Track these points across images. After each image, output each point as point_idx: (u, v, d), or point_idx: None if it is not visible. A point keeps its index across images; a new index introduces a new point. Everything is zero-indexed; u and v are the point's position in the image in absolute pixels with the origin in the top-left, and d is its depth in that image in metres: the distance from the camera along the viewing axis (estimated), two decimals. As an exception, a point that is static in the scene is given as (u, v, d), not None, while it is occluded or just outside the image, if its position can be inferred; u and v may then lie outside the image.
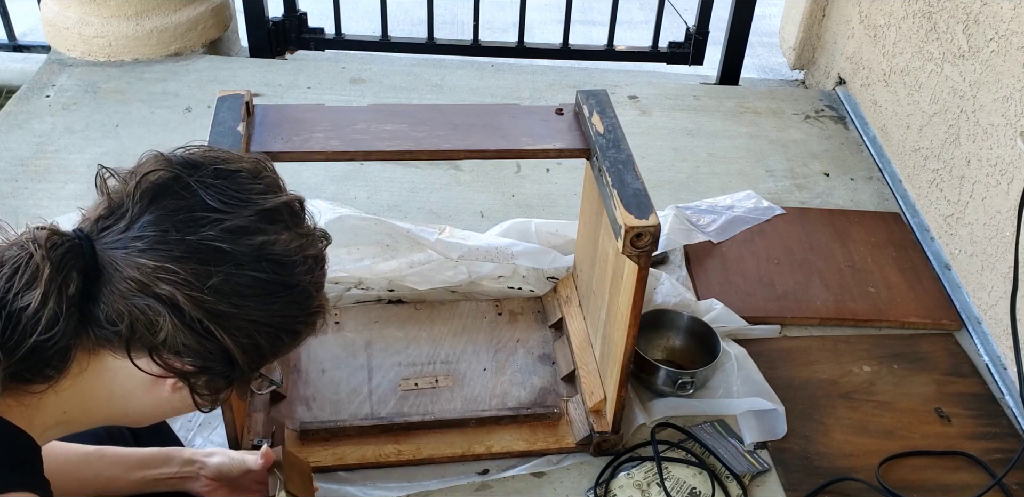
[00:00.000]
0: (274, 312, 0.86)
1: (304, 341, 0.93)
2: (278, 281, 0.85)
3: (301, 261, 0.88)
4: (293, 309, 0.87)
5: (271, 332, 0.86)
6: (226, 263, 0.83)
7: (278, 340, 0.88)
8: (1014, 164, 1.82)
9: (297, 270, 0.87)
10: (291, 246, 0.87)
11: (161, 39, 2.79)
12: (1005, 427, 1.73)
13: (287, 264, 0.86)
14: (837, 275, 2.05)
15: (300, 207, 0.92)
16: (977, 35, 1.99)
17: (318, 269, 0.91)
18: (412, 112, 1.59)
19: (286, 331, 0.88)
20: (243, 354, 0.85)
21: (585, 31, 3.42)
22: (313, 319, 0.91)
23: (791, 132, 2.64)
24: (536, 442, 1.62)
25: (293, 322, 0.88)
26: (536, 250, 1.94)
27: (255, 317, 0.84)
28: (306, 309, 0.89)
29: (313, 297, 0.90)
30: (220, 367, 0.86)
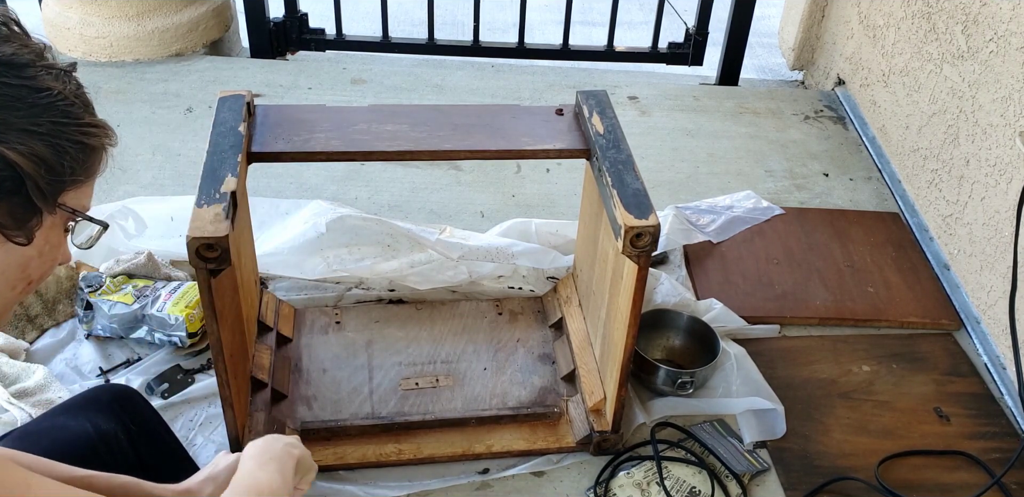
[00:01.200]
0: (37, 116, 0.81)
1: (97, 164, 0.89)
2: (23, 84, 0.81)
3: (43, 68, 0.83)
4: (57, 114, 0.82)
5: (47, 141, 0.81)
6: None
7: (62, 151, 0.82)
8: (1013, 164, 1.83)
9: (40, 75, 0.83)
10: (21, 52, 0.83)
11: (162, 40, 2.80)
12: (1004, 427, 1.74)
13: (23, 65, 0.82)
14: (836, 275, 2.06)
15: (16, 23, 0.87)
16: (976, 36, 1.99)
17: (71, 82, 0.86)
18: (412, 112, 1.60)
19: (65, 140, 0.83)
20: (28, 162, 0.79)
21: (585, 32, 3.42)
22: (94, 130, 0.86)
23: (790, 132, 2.64)
24: (536, 441, 1.63)
25: (67, 130, 0.83)
26: (536, 250, 1.94)
27: (18, 124, 0.79)
28: (76, 118, 0.84)
29: (78, 106, 0.85)
30: (9, 183, 0.79)
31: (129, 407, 1.31)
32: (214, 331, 1.34)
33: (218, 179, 1.33)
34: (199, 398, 1.68)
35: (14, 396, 1.59)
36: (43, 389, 1.63)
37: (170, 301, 1.76)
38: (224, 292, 1.37)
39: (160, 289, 1.80)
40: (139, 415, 1.32)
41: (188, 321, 1.73)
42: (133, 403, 1.33)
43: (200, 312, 1.75)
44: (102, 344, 1.78)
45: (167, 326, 1.74)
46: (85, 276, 1.82)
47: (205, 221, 1.26)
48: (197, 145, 2.36)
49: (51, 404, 1.57)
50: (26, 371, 1.65)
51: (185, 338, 1.74)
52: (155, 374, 1.71)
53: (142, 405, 1.35)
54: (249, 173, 1.53)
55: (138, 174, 2.29)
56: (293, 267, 1.91)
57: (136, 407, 1.33)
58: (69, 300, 1.84)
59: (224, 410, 1.45)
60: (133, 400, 1.34)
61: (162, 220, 2.00)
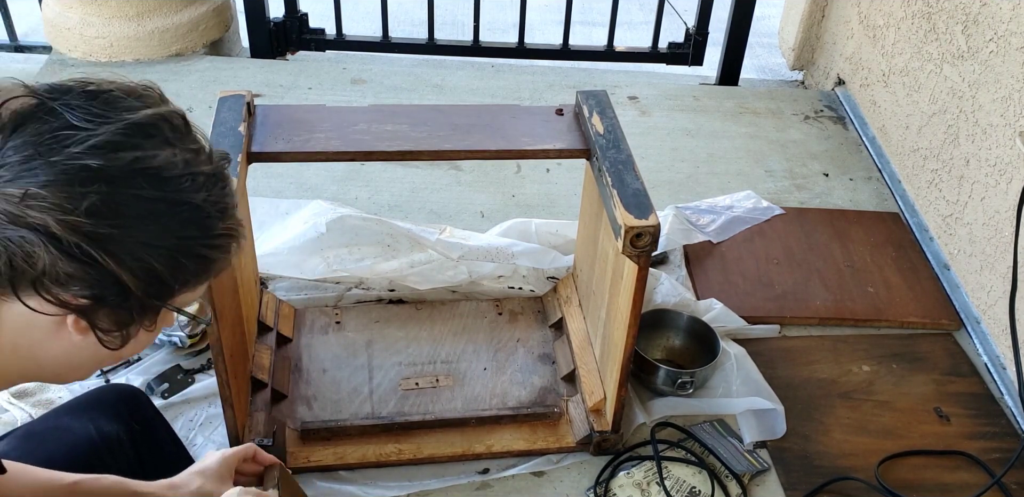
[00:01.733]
0: (164, 233, 0.79)
1: (218, 268, 0.85)
2: (162, 198, 0.78)
3: (189, 177, 0.80)
4: (188, 230, 0.80)
5: (166, 255, 0.79)
6: (97, 182, 0.75)
7: (177, 264, 0.80)
8: (1013, 164, 1.83)
9: (184, 186, 0.80)
10: (173, 160, 0.80)
11: (162, 40, 2.80)
12: (1004, 427, 1.74)
13: (169, 179, 0.79)
14: (836, 275, 2.06)
15: (183, 121, 0.85)
16: (976, 36, 1.99)
17: (215, 188, 0.83)
18: (412, 112, 1.60)
19: (186, 254, 0.81)
20: (135, 279, 0.78)
21: (585, 32, 3.42)
22: (219, 242, 0.83)
23: (790, 132, 2.64)
24: (536, 441, 1.63)
25: (192, 244, 0.81)
26: (536, 250, 1.94)
27: (142, 239, 0.78)
28: (207, 230, 0.81)
29: (213, 217, 0.82)
30: (113, 296, 0.79)
31: (133, 408, 1.31)
32: (214, 331, 1.34)
33: (218, 179, 1.33)
34: (199, 398, 1.68)
35: (14, 396, 1.59)
36: (43, 389, 1.63)
37: (170, 301, 1.76)
38: (224, 292, 1.37)
39: (160, 289, 1.80)
40: (143, 416, 1.32)
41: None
42: (137, 404, 1.33)
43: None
44: (102, 344, 1.78)
45: (167, 326, 1.73)
46: (85, 276, 1.82)
47: (205, 221, 1.25)
48: (197, 145, 2.35)
49: (51, 404, 1.58)
50: (26, 371, 1.65)
51: (185, 338, 1.74)
52: (155, 374, 1.71)
53: (146, 406, 1.35)
54: (249, 173, 1.53)
55: (138, 174, 2.29)
56: (293, 267, 1.91)
57: (140, 408, 1.33)
58: (69, 300, 1.84)
59: (224, 410, 1.45)
60: (138, 401, 1.34)
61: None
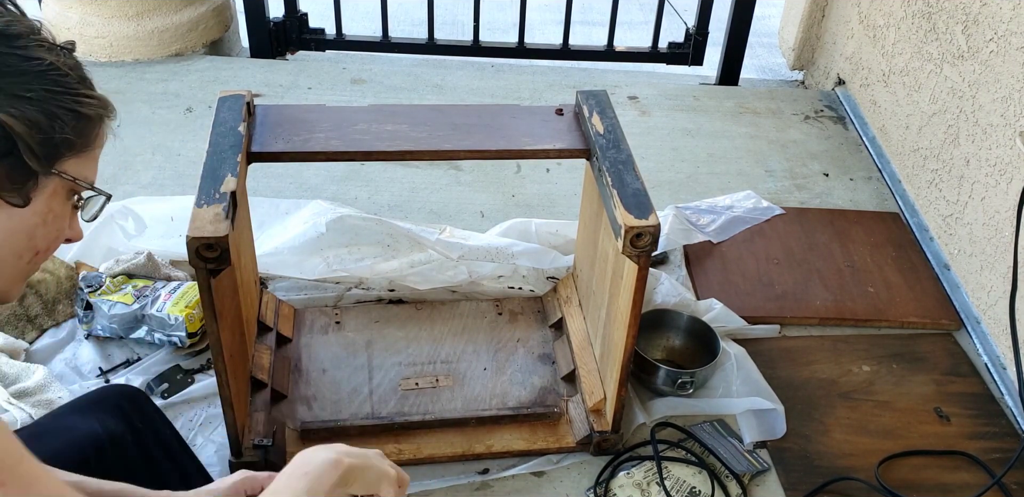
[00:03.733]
0: (28, 83, 0.84)
1: (96, 129, 0.90)
2: (13, 53, 0.84)
3: (34, 39, 0.86)
4: (50, 84, 0.85)
5: (38, 106, 0.83)
6: None
7: (52, 114, 0.85)
8: (1013, 164, 1.83)
9: (32, 45, 0.85)
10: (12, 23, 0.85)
11: (162, 39, 2.80)
12: (1004, 427, 1.74)
13: (16, 37, 0.85)
14: (836, 275, 2.06)
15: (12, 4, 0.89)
16: (976, 35, 1.99)
17: (65, 56, 0.88)
18: (412, 112, 1.60)
19: (57, 106, 0.85)
20: (20, 124, 0.82)
21: (585, 32, 3.42)
22: (87, 101, 0.88)
23: (790, 132, 2.64)
24: (536, 441, 1.63)
25: (60, 98, 0.85)
26: (536, 250, 1.94)
27: (8, 90, 0.82)
28: (69, 88, 0.87)
29: (72, 78, 0.87)
30: (1, 144, 0.82)
31: (136, 408, 1.32)
32: (214, 331, 1.34)
33: (218, 179, 1.33)
34: (199, 398, 1.68)
35: (14, 396, 1.59)
36: (43, 389, 1.63)
37: (170, 301, 1.76)
38: (224, 292, 1.37)
39: (160, 289, 1.80)
40: (146, 416, 1.33)
41: (188, 321, 1.73)
42: (140, 404, 1.33)
43: (200, 312, 1.75)
44: (102, 344, 1.78)
45: (167, 326, 1.73)
46: (85, 276, 1.82)
47: (205, 221, 1.25)
48: (197, 145, 2.35)
49: (51, 404, 1.57)
50: (26, 371, 1.65)
51: (185, 338, 1.74)
52: (155, 374, 1.71)
53: (148, 406, 1.36)
54: (249, 173, 1.53)
55: (138, 174, 2.29)
56: (293, 267, 1.91)
57: (143, 408, 1.33)
58: (69, 300, 1.84)
59: (224, 410, 1.45)
60: (140, 401, 1.34)
61: (162, 220, 2.00)
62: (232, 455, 1.51)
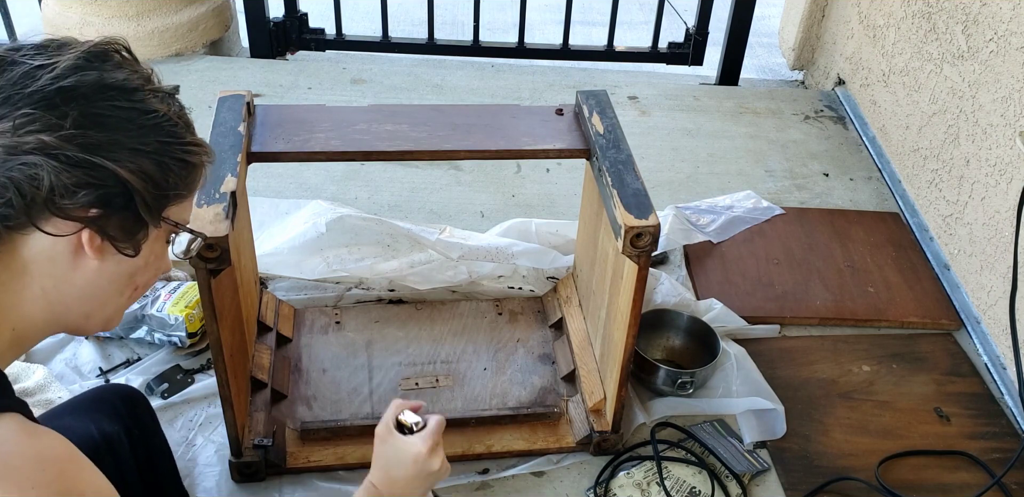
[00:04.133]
0: (144, 137, 0.87)
1: (198, 179, 0.94)
2: (133, 107, 0.87)
3: (150, 91, 0.89)
4: (164, 135, 0.88)
5: (153, 157, 0.87)
6: (74, 99, 0.84)
7: (165, 166, 0.88)
8: (1013, 164, 1.83)
9: (148, 97, 0.89)
10: (131, 77, 0.89)
11: (162, 39, 2.80)
12: (1004, 427, 1.74)
13: (135, 91, 0.88)
14: (836, 275, 2.06)
15: (128, 51, 0.92)
16: (976, 35, 1.99)
17: (174, 104, 0.92)
18: (412, 112, 1.60)
19: (169, 157, 0.89)
20: (136, 179, 0.86)
21: (585, 32, 3.42)
22: (194, 149, 0.92)
23: (790, 132, 2.64)
24: (536, 441, 1.63)
25: (171, 148, 0.89)
26: (536, 250, 1.94)
27: (129, 144, 0.86)
28: (179, 137, 0.90)
29: (180, 127, 0.91)
30: (119, 198, 0.86)
31: (133, 409, 1.32)
32: (214, 331, 1.34)
33: (218, 179, 1.33)
34: (199, 398, 1.68)
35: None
36: (43, 389, 1.63)
37: (170, 301, 1.76)
38: (224, 292, 1.37)
39: (160, 289, 1.80)
40: (141, 418, 1.33)
41: (188, 321, 1.73)
42: (137, 405, 1.34)
43: (200, 312, 1.74)
44: (102, 344, 1.78)
45: (167, 326, 1.73)
46: (85, 276, 1.82)
47: (205, 221, 1.25)
48: (197, 145, 2.35)
49: (51, 404, 1.57)
50: (26, 371, 1.65)
51: (185, 338, 1.74)
52: (155, 374, 1.71)
53: (145, 407, 1.36)
54: (249, 173, 1.53)
55: (138, 174, 2.29)
56: (293, 267, 1.91)
57: (139, 409, 1.33)
58: (69, 300, 1.84)
59: (224, 410, 1.45)
60: (137, 402, 1.34)
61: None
62: (232, 455, 1.51)
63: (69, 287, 0.90)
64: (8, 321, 0.89)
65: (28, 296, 0.89)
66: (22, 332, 0.92)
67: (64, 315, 0.93)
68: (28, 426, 0.84)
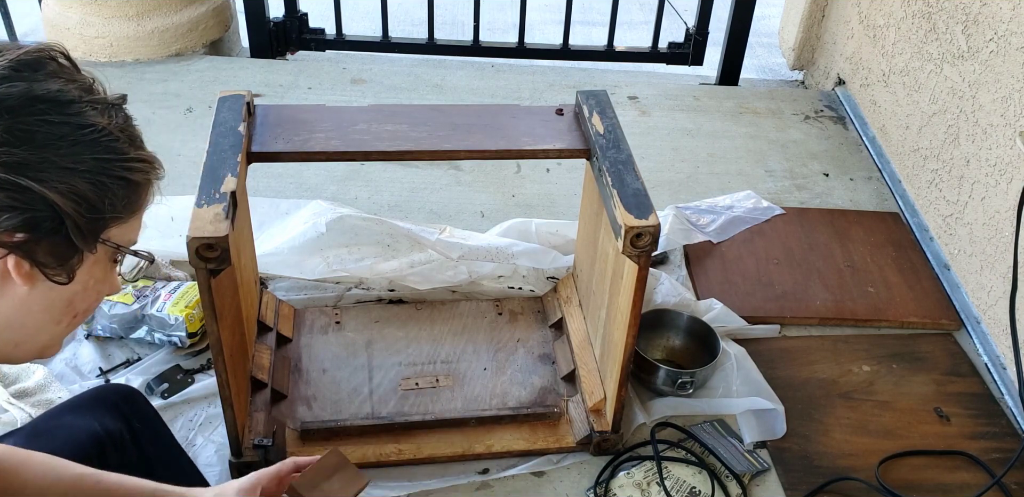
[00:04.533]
0: (78, 155, 0.80)
1: (142, 198, 0.88)
2: (66, 122, 0.80)
3: (87, 103, 0.82)
4: (101, 152, 0.81)
5: (88, 176, 0.80)
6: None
7: (101, 185, 0.81)
8: (1013, 164, 1.83)
9: (85, 110, 0.81)
10: (66, 88, 0.81)
11: (162, 39, 2.80)
12: (1004, 427, 1.74)
13: (69, 103, 0.80)
14: (836, 275, 2.06)
15: (68, 59, 0.85)
16: (976, 35, 1.99)
17: (117, 116, 0.85)
18: (412, 112, 1.60)
19: (107, 175, 0.81)
20: (68, 202, 0.78)
21: (585, 32, 3.42)
22: (137, 166, 0.85)
23: (790, 132, 2.64)
24: (536, 441, 1.63)
25: (110, 166, 0.82)
26: (536, 250, 1.94)
27: (60, 163, 0.78)
28: (120, 153, 0.83)
29: (123, 141, 0.83)
30: (47, 223, 0.78)
31: (133, 407, 1.32)
32: (214, 331, 1.34)
33: (218, 179, 1.33)
34: (199, 398, 1.68)
35: (14, 396, 1.59)
36: (43, 389, 1.63)
37: (170, 301, 1.76)
38: (224, 292, 1.37)
39: (160, 289, 1.80)
40: (142, 415, 1.33)
41: (188, 321, 1.73)
42: (137, 403, 1.34)
43: (200, 312, 1.75)
44: (102, 344, 1.78)
45: (167, 326, 1.73)
46: (85, 276, 1.82)
47: (205, 221, 1.26)
48: (197, 145, 2.35)
49: (51, 404, 1.57)
50: (26, 371, 1.65)
51: (185, 338, 1.74)
52: (155, 374, 1.71)
53: (145, 405, 1.36)
54: (249, 173, 1.53)
55: (138, 174, 2.29)
56: (293, 267, 1.91)
57: (139, 407, 1.34)
58: (69, 300, 1.84)
59: (224, 410, 1.45)
60: (137, 400, 1.35)
61: (162, 220, 1.99)
62: (232, 455, 1.51)
63: (2, 317, 0.83)
64: None
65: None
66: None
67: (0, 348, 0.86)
68: None
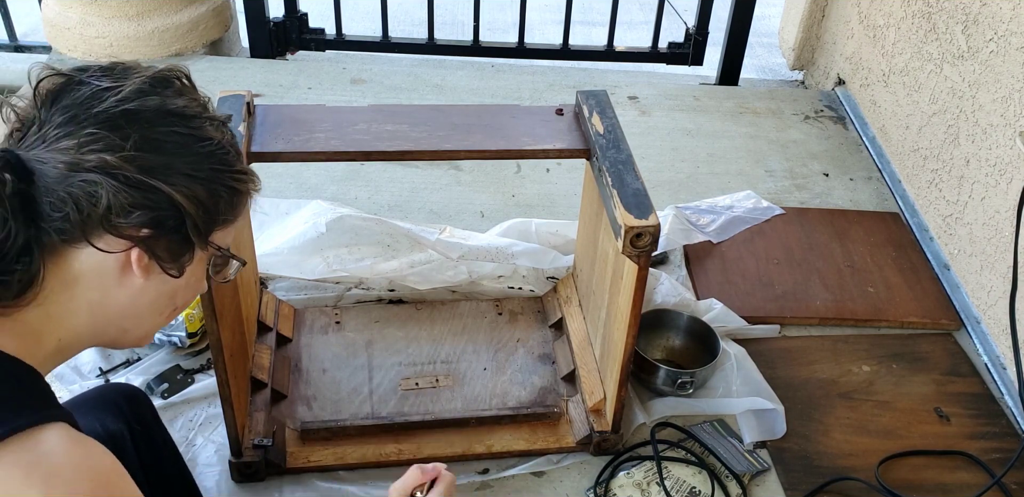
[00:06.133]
0: (199, 164, 0.90)
1: (246, 203, 0.98)
2: (190, 134, 0.90)
3: (207, 119, 0.93)
4: (216, 163, 0.92)
5: (205, 183, 0.90)
6: (137, 123, 0.87)
7: (215, 192, 0.92)
8: (1013, 164, 1.83)
9: (205, 124, 0.92)
10: (190, 104, 0.92)
11: (162, 39, 2.80)
12: (1004, 427, 1.74)
13: (193, 118, 0.91)
14: (836, 275, 2.06)
15: (189, 79, 0.96)
16: (976, 35, 1.99)
17: (228, 133, 0.95)
18: (412, 112, 1.60)
19: (220, 184, 0.92)
20: (189, 203, 0.89)
21: (585, 32, 3.42)
22: (242, 177, 0.96)
23: (790, 132, 2.64)
24: (536, 441, 1.63)
25: (222, 176, 0.92)
26: (536, 250, 1.94)
27: (184, 170, 0.89)
28: (230, 165, 0.93)
29: (232, 155, 0.94)
30: (171, 221, 0.89)
31: (135, 407, 1.32)
32: (214, 331, 1.34)
33: (218, 179, 1.33)
34: (199, 398, 1.68)
35: (14, 396, 1.58)
36: (43, 389, 1.62)
37: (170, 301, 1.76)
38: (224, 292, 1.37)
39: (160, 289, 1.80)
40: (143, 416, 1.33)
41: (188, 321, 1.73)
42: (139, 404, 1.34)
43: (200, 312, 1.74)
44: (102, 344, 1.78)
45: (167, 326, 1.73)
46: (85, 276, 1.82)
47: (205, 221, 1.25)
48: (197, 145, 2.35)
49: (51, 404, 1.57)
50: (26, 371, 1.65)
51: (185, 338, 1.74)
52: (155, 374, 1.71)
53: (147, 406, 1.36)
54: (249, 173, 1.53)
55: (138, 174, 2.29)
56: (293, 267, 1.91)
57: (141, 408, 1.34)
58: (69, 300, 1.84)
59: (224, 410, 1.45)
60: (139, 400, 1.34)
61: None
62: (232, 455, 1.51)
63: (113, 302, 0.93)
64: (56, 331, 0.92)
65: (74, 308, 0.92)
66: (67, 342, 0.94)
67: (104, 328, 0.95)
68: (75, 436, 0.85)
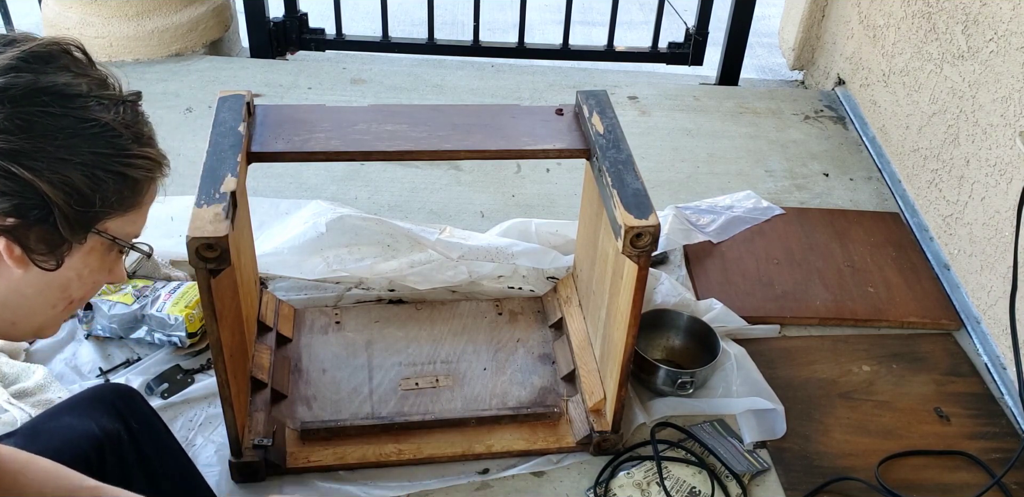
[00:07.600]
0: (76, 148, 0.82)
1: (143, 193, 0.90)
2: (68, 114, 0.82)
3: (95, 98, 0.84)
4: (100, 146, 0.83)
5: (82, 169, 0.82)
6: (2, 102, 0.79)
7: (95, 179, 0.83)
8: (1013, 164, 1.83)
9: (91, 105, 0.83)
10: (74, 82, 0.83)
11: (162, 40, 2.80)
12: (1004, 427, 1.74)
13: (74, 97, 0.82)
14: (836, 275, 2.06)
15: (84, 54, 0.87)
16: (976, 35, 1.99)
17: (126, 112, 0.86)
18: (412, 112, 1.60)
19: (103, 169, 0.83)
20: (55, 190, 0.80)
21: (585, 32, 3.42)
22: (136, 162, 0.87)
23: (790, 132, 2.64)
24: (536, 441, 1.63)
25: (107, 161, 0.84)
26: (536, 250, 1.94)
27: (56, 154, 0.80)
28: (120, 149, 0.85)
29: (126, 137, 0.85)
30: (37, 210, 0.81)
31: (131, 406, 1.32)
32: (214, 331, 1.34)
33: (218, 179, 1.33)
34: (199, 398, 1.68)
35: (14, 396, 1.59)
36: (43, 389, 1.63)
37: (170, 301, 1.76)
38: (224, 292, 1.37)
39: (160, 289, 1.80)
40: (140, 414, 1.33)
41: (188, 321, 1.73)
42: (134, 402, 1.34)
43: (200, 312, 1.75)
44: (102, 344, 1.78)
45: (167, 326, 1.73)
46: (85, 276, 1.82)
47: (205, 221, 1.25)
48: (197, 145, 2.34)
49: (50, 404, 1.57)
50: (26, 371, 1.65)
51: (185, 338, 1.74)
52: (155, 374, 1.71)
53: (143, 404, 1.36)
54: (249, 173, 1.53)
55: (138, 174, 2.29)
56: (293, 267, 1.91)
57: (137, 406, 1.34)
58: (69, 300, 1.84)
59: (224, 410, 1.45)
60: (134, 399, 1.34)
61: (162, 220, 2.00)
62: (232, 455, 1.51)
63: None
64: None
65: None
66: None
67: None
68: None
